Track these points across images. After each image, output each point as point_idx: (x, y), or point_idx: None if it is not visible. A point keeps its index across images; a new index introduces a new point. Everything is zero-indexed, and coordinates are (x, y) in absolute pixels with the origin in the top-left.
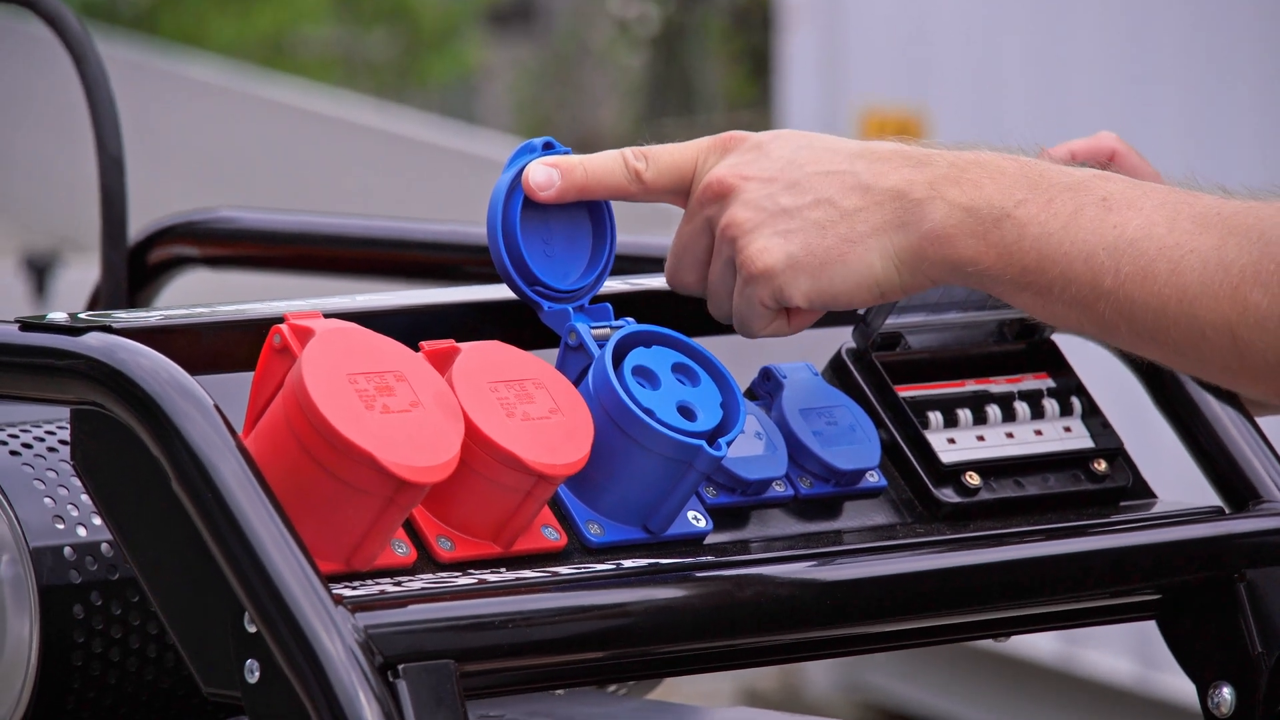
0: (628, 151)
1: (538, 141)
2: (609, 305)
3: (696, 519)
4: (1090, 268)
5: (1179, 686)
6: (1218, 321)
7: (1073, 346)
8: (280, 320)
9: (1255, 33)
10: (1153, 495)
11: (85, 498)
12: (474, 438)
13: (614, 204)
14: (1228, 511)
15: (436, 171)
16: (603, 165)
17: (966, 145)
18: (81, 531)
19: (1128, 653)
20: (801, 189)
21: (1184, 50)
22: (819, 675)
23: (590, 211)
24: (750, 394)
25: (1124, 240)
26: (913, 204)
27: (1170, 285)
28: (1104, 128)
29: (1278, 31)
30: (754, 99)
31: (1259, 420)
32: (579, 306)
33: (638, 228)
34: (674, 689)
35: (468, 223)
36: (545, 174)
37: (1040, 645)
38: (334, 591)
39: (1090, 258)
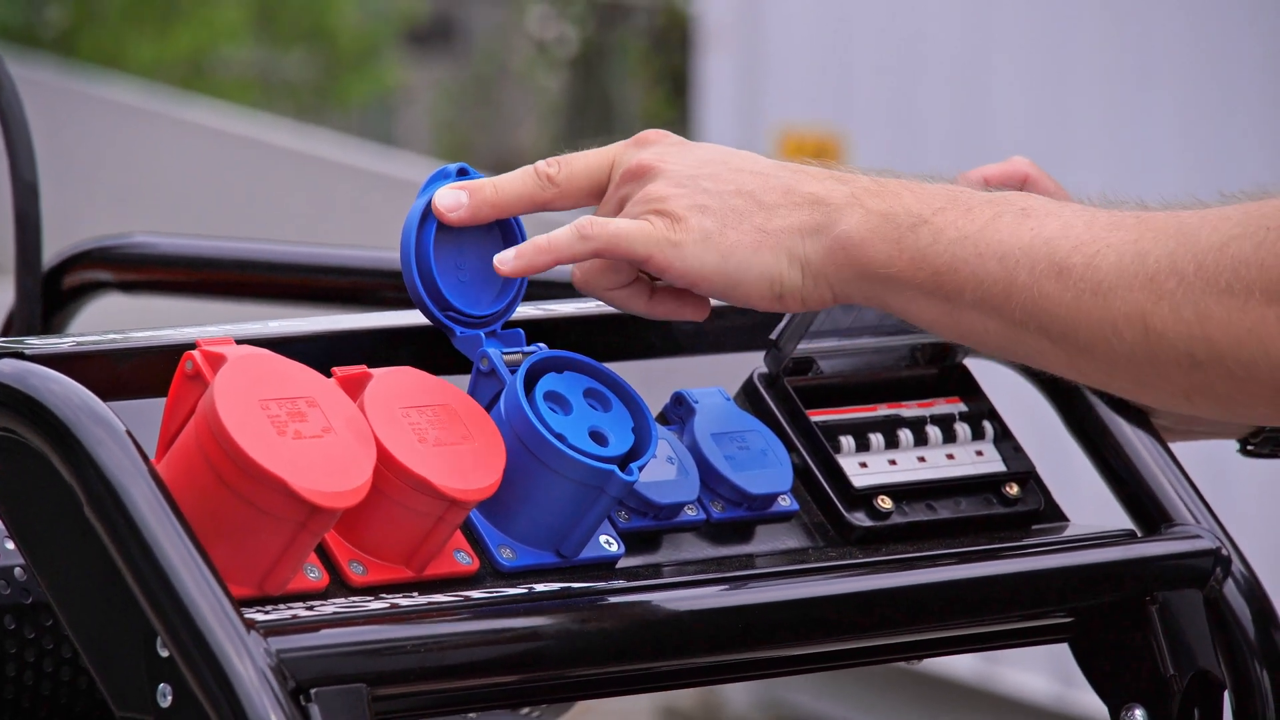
0: (540, 163)
1: (452, 168)
2: (521, 331)
3: (609, 543)
4: (1004, 266)
5: (1096, 705)
6: (1131, 311)
7: (985, 372)
8: (193, 346)
9: (1177, 51)
10: (1065, 518)
11: None
12: (386, 463)
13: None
14: (1139, 534)
15: (356, 193)
16: (513, 179)
17: (887, 171)
18: None
19: (1046, 671)
20: (724, 180)
21: (1105, 73)
22: (738, 693)
23: (504, 236)
24: (662, 419)
25: (1040, 239)
26: (831, 208)
27: (1085, 279)
28: (1024, 153)
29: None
30: (673, 120)
31: (1171, 445)
32: (491, 332)
33: None
34: (592, 707)
35: (382, 248)
36: (453, 197)
37: (959, 663)
38: (246, 616)
39: (1005, 257)
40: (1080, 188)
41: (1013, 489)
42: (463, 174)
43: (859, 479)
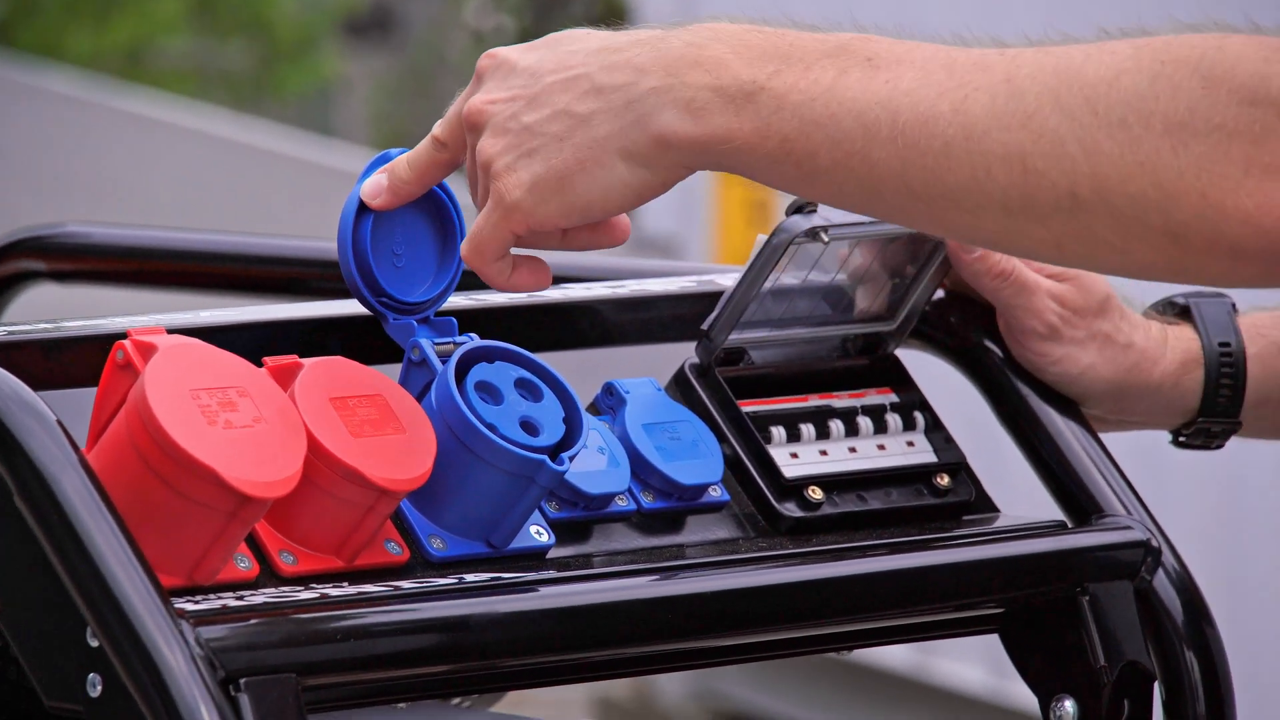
0: (435, 125)
1: (394, 152)
2: (454, 320)
3: (539, 533)
4: (862, 124)
5: (1031, 697)
6: (1008, 152)
7: (917, 362)
8: (124, 336)
9: None
10: (995, 509)
11: None
12: (316, 453)
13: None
14: (1070, 526)
15: (293, 183)
16: (418, 151)
17: (703, 19)
18: None
19: (980, 661)
20: (540, 103)
21: None
22: (671, 684)
23: (441, 220)
24: (593, 409)
25: (899, 92)
26: (650, 94)
27: (955, 124)
28: None
29: None
30: None
31: (1103, 436)
32: (423, 318)
33: None
34: (528, 698)
35: (315, 237)
36: (375, 183)
37: (894, 654)
38: (176, 606)
39: (862, 114)
40: None
41: (943, 480)
42: None
43: (790, 469)
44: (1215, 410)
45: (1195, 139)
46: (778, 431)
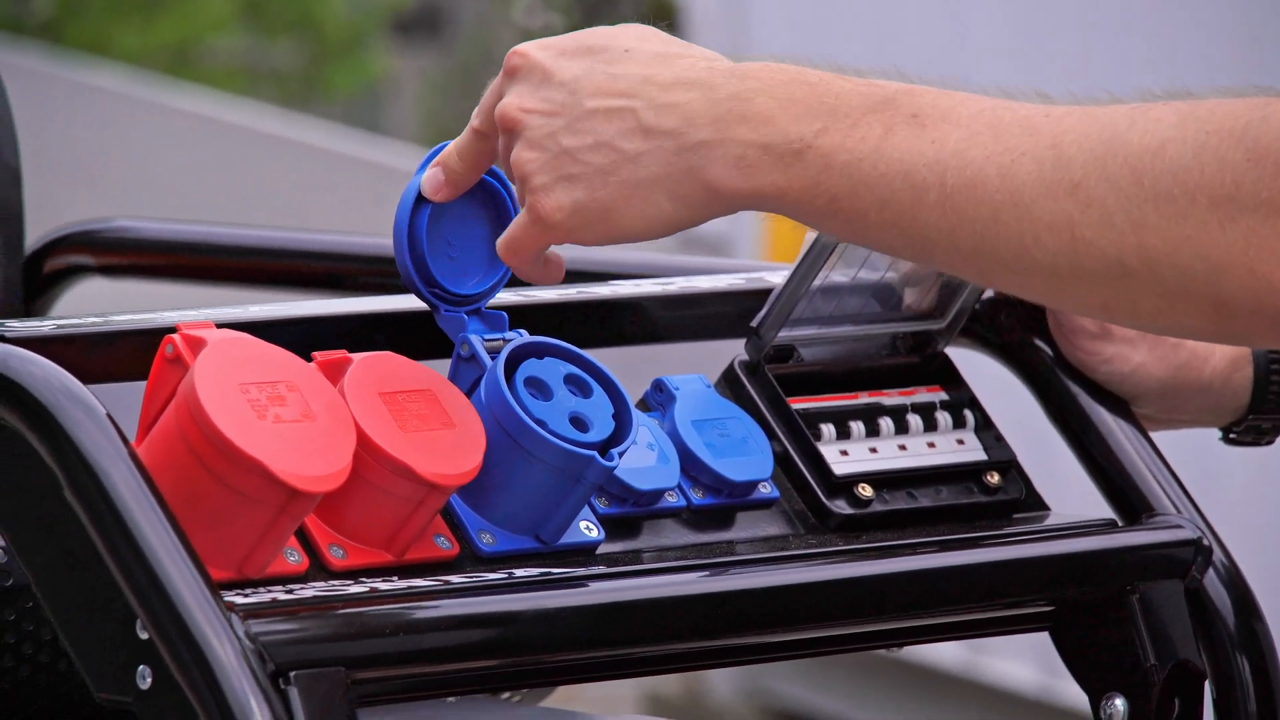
0: (474, 117)
1: (449, 144)
2: (504, 314)
3: (589, 529)
4: (910, 185)
5: (1082, 695)
6: (1056, 221)
7: (967, 360)
8: (173, 330)
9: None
10: (1045, 508)
11: None
12: (366, 447)
13: None
14: (1120, 524)
15: (342, 180)
16: (462, 143)
17: (750, 57)
18: None
19: (1030, 660)
20: (581, 130)
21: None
22: (721, 681)
23: (497, 216)
24: (643, 405)
25: (946, 153)
26: (700, 146)
27: (1002, 191)
28: None
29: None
30: None
31: (1153, 434)
32: (474, 310)
33: None
34: (577, 693)
35: (364, 233)
36: (432, 177)
37: (943, 652)
38: (226, 599)
39: (909, 175)
40: None
41: (993, 478)
42: None
43: (839, 467)
44: (1265, 406)
45: (1242, 213)
46: (827, 429)
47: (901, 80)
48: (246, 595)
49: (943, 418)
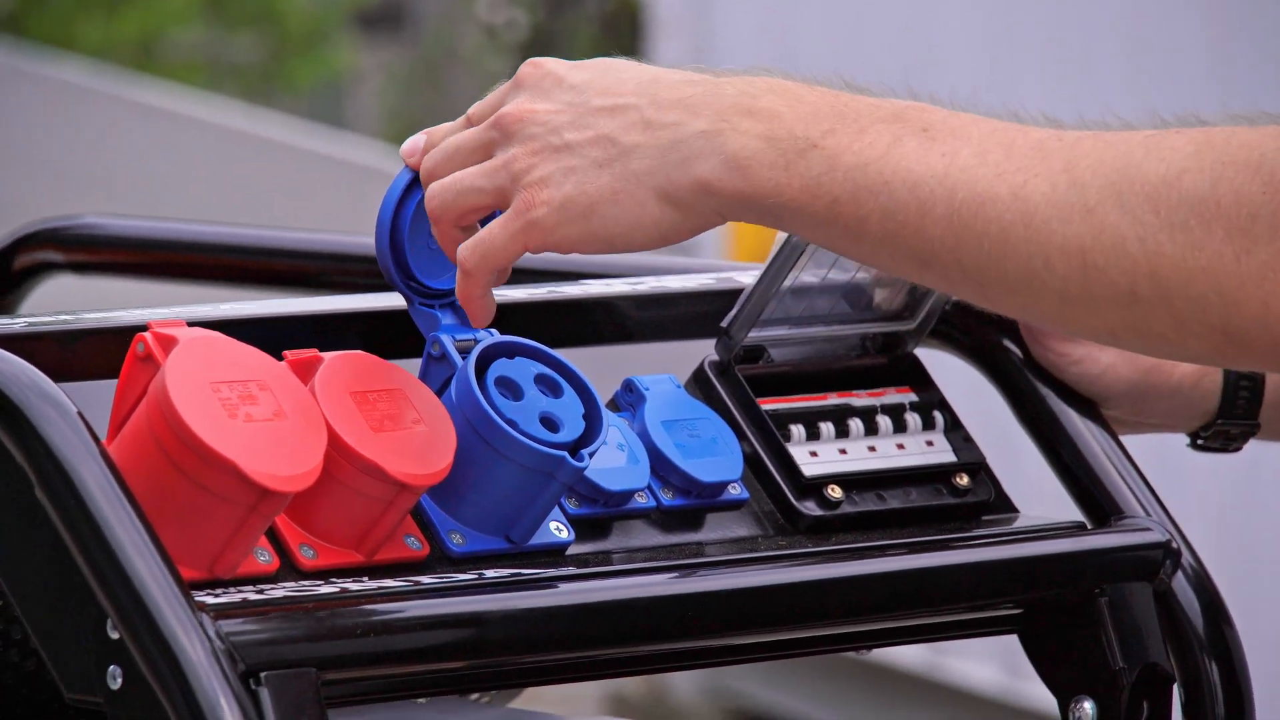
0: (474, 109)
1: None
2: None
3: (558, 530)
4: (917, 196)
5: (1044, 696)
6: (1068, 245)
7: (936, 362)
8: (144, 328)
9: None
10: (1014, 510)
11: None
12: (337, 447)
13: None
14: (1089, 526)
15: (304, 175)
16: (450, 129)
17: (758, 69)
18: None
19: (993, 661)
20: (584, 124)
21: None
22: (684, 681)
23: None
24: (613, 406)
25: (956, 168)
26: (698, 136)
27: (1013, 210)
28: None
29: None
30: None
31: (1122, 437)
32: (447, 304)
33: None
34: (539, 693)
35: (334, 231)
36: (412, 140)
37: (907, 653)
38: (196, 599)
39: (917, 186)
40: None
41: (963, 479)
42: None
43: (809, 468)
44: (1234, 412)
45: (1258, 246)
46: (797, 430)
47: (912, 98)
48: (217, 595)
49: (912, 419)
